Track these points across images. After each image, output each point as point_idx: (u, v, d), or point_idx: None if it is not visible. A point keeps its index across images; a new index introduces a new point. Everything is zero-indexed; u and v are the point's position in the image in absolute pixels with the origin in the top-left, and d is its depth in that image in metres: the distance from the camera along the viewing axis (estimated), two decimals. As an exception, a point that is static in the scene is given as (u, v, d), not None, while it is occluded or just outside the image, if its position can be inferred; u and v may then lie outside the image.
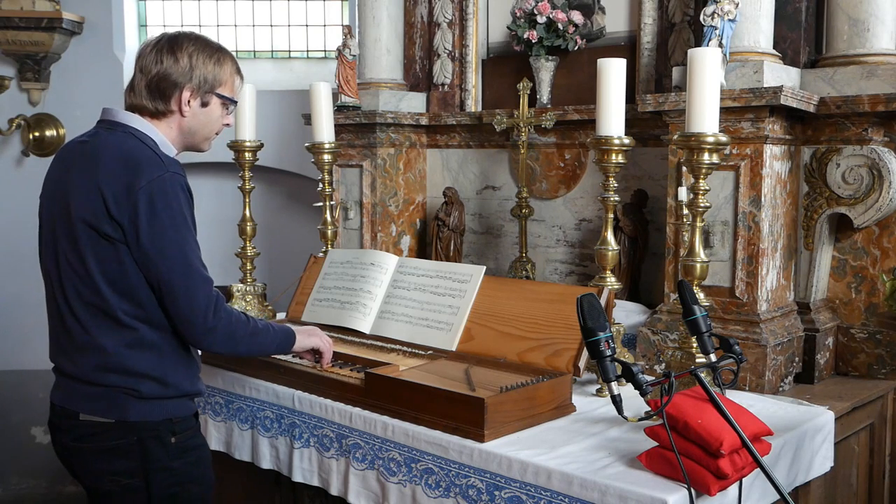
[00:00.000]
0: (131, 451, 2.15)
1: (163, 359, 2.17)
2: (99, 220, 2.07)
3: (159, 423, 2.17)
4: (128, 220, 2.06)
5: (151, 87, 2.20)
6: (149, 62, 2.21)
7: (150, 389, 2.15)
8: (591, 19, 3.73)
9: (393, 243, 4.17)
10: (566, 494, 2.02)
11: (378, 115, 3.99)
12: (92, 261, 2.10)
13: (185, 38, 2.24)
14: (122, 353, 2.13)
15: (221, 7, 5.61)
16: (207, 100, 2.25)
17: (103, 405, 2.15)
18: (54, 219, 2.19)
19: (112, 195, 2.06)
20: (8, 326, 5.17)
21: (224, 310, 2.19)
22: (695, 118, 2.44)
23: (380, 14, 4.15)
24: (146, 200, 2.06)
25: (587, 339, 2.00)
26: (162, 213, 2.07)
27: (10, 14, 5.07)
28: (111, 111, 2.24)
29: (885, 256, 3.02)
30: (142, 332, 2.14)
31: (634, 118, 3.17)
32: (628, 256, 3.42)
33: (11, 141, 5.39)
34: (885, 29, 2.97)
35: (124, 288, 2.11)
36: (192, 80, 2.21)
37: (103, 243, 2.08)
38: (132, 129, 2.19)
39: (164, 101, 2.21)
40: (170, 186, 2.09)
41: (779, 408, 2.59)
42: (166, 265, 2.08)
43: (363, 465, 2.48)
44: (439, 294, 2.92)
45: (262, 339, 2.36)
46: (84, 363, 2.16)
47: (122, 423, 2.14)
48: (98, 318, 2.13)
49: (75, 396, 2.18)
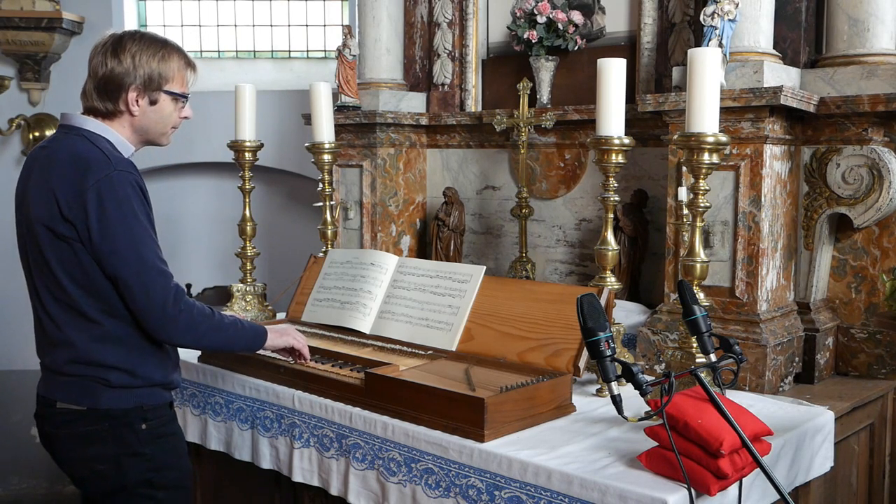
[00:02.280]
0: (104, 437, 2.23)
1: (130, 351, 2.23)
2: (54, 221, 2.15)
3: (130, 409, 2.24)
4: (80, 221, 2.12)
5: (99, 89, 2.25)
6: (95, 64, 2.25)
7: (119, 379, 2.22)
8: (591, 19, 3.73)
9: (393, 243, 4.17)
10: (566, 494, 2.02)
11: (378, 115, 3.99)
12: (54, 260, 2.18)
13: (129, 38, 2.26)
14: (90, 347, 2.20)
15: (221, 7, 5.61)
16: (155, 97, 2.28)
17: (76, 393, 2.23)
18: (23, 222, 2.27)
19: (63, 196, 2.13)
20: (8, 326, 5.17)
21: (184, 302, 2.23)
22: (695, 118, 2.44)
23: (380, 14, 4.15)
24: (95, 199, 2.11)
25: (587, 339, 2.00)
26: (111, 210, 2.12)
27: (10, 14, 5.07)
28: (68, 116, 2.31)
29: (885, 256, 3.02)
30: (108, 326, 2.20)
31: (634, 118, 3.17)
32: (628, 256, 3.41)
33: (11, 141, 5.40)
34: (885, 29, 2.97)
35: (86, 284, 2.17)
36: (137, 80, 2.24)
37: (61, 244, 2.16)
38: (85, 131, 2.25)
39: (112, 101, 2.25)
40: (118, 184, 2.14)
41: (779, 408, 2.59)
42: (119, 261, 2.14)
43: (363, 465, 2.48)
44: (439, 294, 2.92)
45: (228, 335, 2.38)
46: (58, 357, 2.24)
47: (93, 410, 2.21)
48: (67, 314, 2.20)
49: (53, 385, 2.27)
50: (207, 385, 3.00)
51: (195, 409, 3.05)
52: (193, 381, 3.05)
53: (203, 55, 5.63)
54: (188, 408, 3.08)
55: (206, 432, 3.00)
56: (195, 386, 3.05)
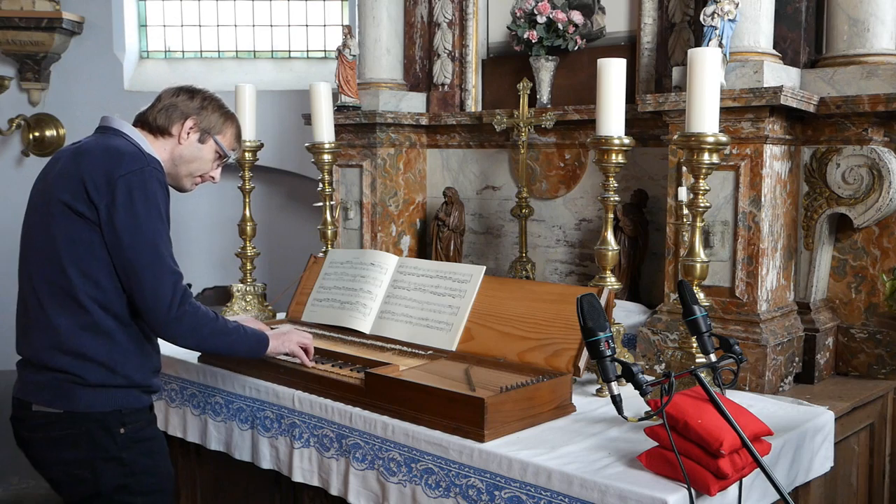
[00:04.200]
0: (80, 441, 2.22)
1: (113, 347, 2.24)
2: (77, 200, 2.18)
3: (108, 413, 2.24)
4: (105, 206, 2.16)
5: (160, 110, 2.40)
6: (167, 94, 2.44)
7: (96, 376, 2.22)
8: (591, 19, 3.73)
9: (393, 243, 4.17)
10: (566, 494, 2.02)
11: (378, 115, 3.99)
12: (61, 237, 2.19)
13: (206, 91, 2.48)
14: (75, 333, 2.20)
15: (221, 7, 5.61)
16: (205, 139, 2.44)
17: (51, 395, 2.22)
18: (35, 209, 2.30)
19: (92, 181, 2.17)
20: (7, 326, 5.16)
21: (191, 304, 2.27)
22: (695, 118, 2.44)
23: (380, 14, 4.15)
24: (125, 189, 2.16)
25: (587, 339, 2.00)
26: (139, 203, 2.17)
27: (10, 14, 5.08)
28: (108, 118, 2.39)
29: (885, 256, 3.02)
30: (96, 316, 2.21)
31: (634, 118, 3.17)
32: (628, 256, 3.41)
33: (11, 141, 5.40)
34: (885, 29, 2.97)
35: (88, 269, 2.19)
36: (199, 116, 2.42)
37: (75, 221, 2.18)
38: (124, 133, 2.33)
39: (168, 122, 2.39)
40: (150, 179, 2.21)
41: (779, 408, 2.59)
42: (136, 251, 2.18)
43: (363, 465, 2.48)
44: (439, 294, 2.92)
45: (231, 339, 2.43)
46: (38, 342, 2.24)
47: (70, 413, 2.22)
48: (57, 298, 2.21)
49: (29, 386, 2.26)
50: (207, 385, 2.99)
51: (195, 409, 3.05)
52: (193, 381, 3.05)
53: (203, 55, 5.64)
54: (188, 408, 3.08)
55: (206, 432, 3.00)
56: (195, 386, 3.05)
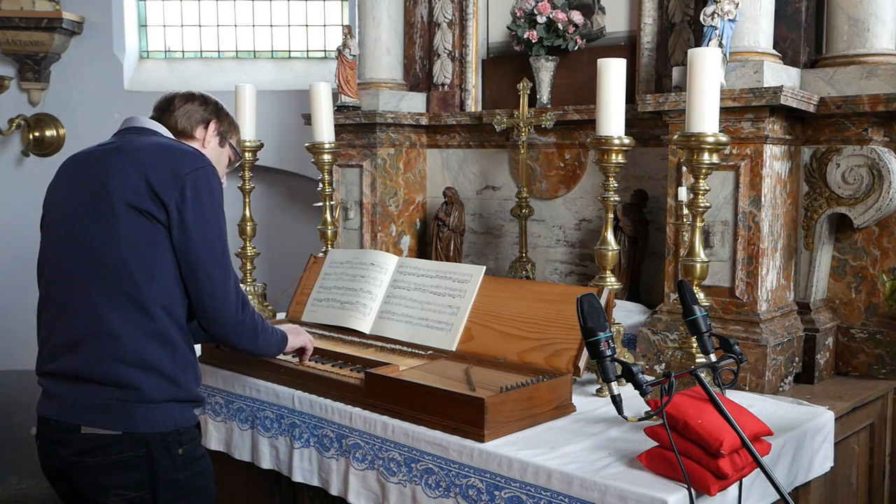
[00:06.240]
0: (139, 463, 2.10)
1: (175, 356, 2.16)
2: (143, 200, 2.11)
3: (168, 433, 2.13)
4: (174, 204, 2.12)
5: (182, 114, 2.40)
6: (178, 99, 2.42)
7: (159, 390, 2.12)
8: (591, 19, 3.73)
9: (393, 243, 4.17)
10: (566, 494, 2.02)
11: (378, 115, 3.99)
12: (128, 242, 2.10)
13: (210, 96, 2.49)
14: (139, 341, 2.10)
15: (221, 7, 5.61)
16: (223, 143, 2.48)
17: (108, 416, 2.09)
18: (77, 212, 2.18)
19: (157, 178, 2.13)
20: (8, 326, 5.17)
21: (251, 306, 2.28)
22: (695, 118, 2.44)
23: (380, 14, 4.15)
24: (192, 187, 2.14)
25: (587, 339, 2.00)
26: (206, 201, 2.16)
27: (10, 14, 5.07)
28: (136, 118, 2.36)
29: (885, 256, 3.02)
30: (161, 323, 2.12)
31: (634, 118, 3.17)
32: (628, 256, 3.41)
33: (11, 141, 5.39)
34: (885, 29, 2.97)
35: (156, 272, 2.11)
36: (220, 119, 2.45)
37: (144, 223, 2.11)
38: (161, 133, 2.33)
39: (191, 127, 2.40)
40: (213, 178, 2.21)
41: (779, 408, 2.59)
42: (206, 252, 2.15)
43: (363, 465, 2.48)
44: (439, 294, 2.92)
45: (272, 339, 2.46)
46: (95, 354, 2.09)
47: (129, 434, 2.09)
48: (120, 305, 2.09)
49: (77, 408, 2.11)
50: (208, 385, 2.99)
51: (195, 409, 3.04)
52: (193, 381, 3.05)
53: (203, 55, 5.63)
54: (188, 408, 3.08)
55: (206, 432, 3.00)
56: (195, 386, 3.05)
